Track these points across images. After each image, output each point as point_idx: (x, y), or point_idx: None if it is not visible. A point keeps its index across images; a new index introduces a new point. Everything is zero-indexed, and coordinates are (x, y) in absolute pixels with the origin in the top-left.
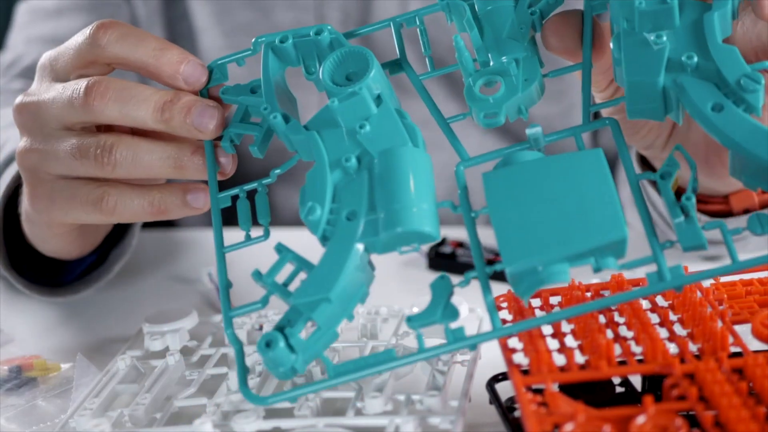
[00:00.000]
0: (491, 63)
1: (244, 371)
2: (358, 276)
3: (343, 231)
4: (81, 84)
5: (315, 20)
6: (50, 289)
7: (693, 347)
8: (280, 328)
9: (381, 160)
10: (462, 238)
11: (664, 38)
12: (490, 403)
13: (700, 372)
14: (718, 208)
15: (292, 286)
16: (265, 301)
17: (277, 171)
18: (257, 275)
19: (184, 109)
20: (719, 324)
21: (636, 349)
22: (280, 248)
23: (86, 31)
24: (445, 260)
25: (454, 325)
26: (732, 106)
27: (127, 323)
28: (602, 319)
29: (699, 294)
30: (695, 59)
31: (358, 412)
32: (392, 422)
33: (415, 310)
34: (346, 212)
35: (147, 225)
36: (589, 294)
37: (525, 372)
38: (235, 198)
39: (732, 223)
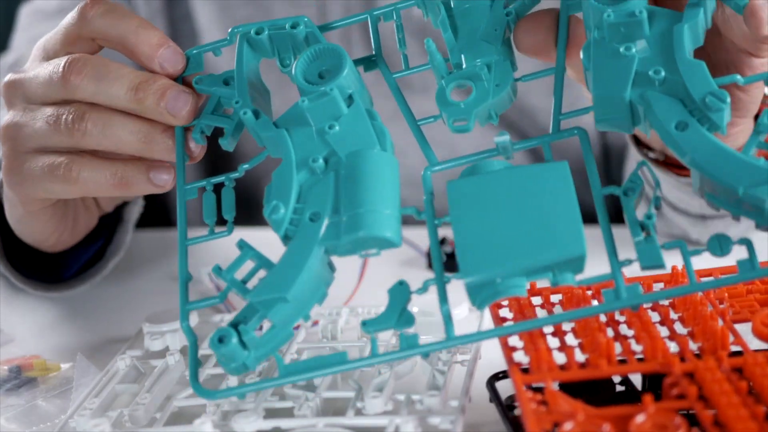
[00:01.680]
0: (464, 65)
1: (195, 365)
2: (318, 277)
3: (305, 231)
4: (62, 60)
5: (317, 17)
6: (45, 284)
7: (693, 346)
8: (234, 324)
9: (348, 162)
10: None
11: (633, 50)
12: (491, 401)
13: (699, 371)
14: None
15: (252, 285)
16: (223, 297)
17: (245, 166)
18: (217, 270)
19: (158, 91)
20: (720, 323)
21: (636, 347)
22: (242, 245)
23: (75, 9)
24: (445, 260)
25: (409, 331)
26: (696, 125)
27: (127, 323)
28: (603, 317)
29: (699, 293)
30: (662, 74)
31: (358, 412)
32: (392, 422)
33: (415, 309)
34: (310, 213)
35: (147, 225)
36: (590, 293)
37: (525, 370)
38: (202, 191)
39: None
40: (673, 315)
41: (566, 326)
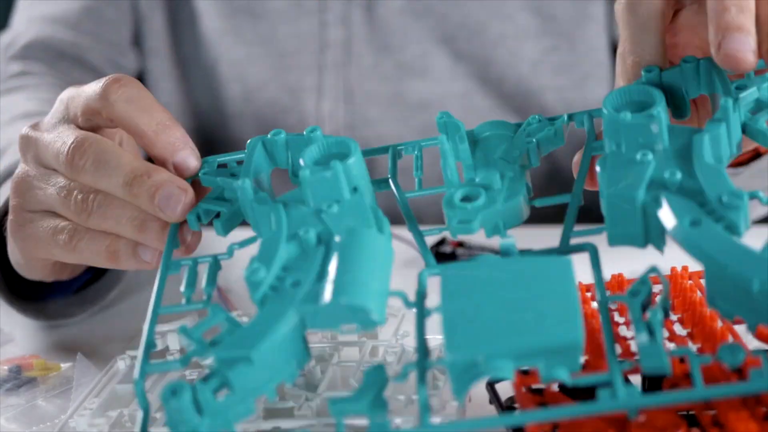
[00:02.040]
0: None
1: None
2: (289, 347)
3: (283, 295)
4: (69, 140)
5: (316, 10)
6: (43, 304)
7: (693, 347)
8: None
9: (342, 238)
10: (462, 238)
11: (650, 156)
12: (490, 402)
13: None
14: (746, 156)
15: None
16: (185, 361)
17: (235, 246)
18: (183, 329)
19: (152, 188)
20: (719, 324)
21: (635, 348)
22: (215, 309)
23: (102, 81)
24: (445, 260)
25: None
26: (710, 222)
27: (127, 323)
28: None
29: (699, 294)
30: (678, 176)
31: None
32: (392, 422)
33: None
34: (292, 280)
35: None
36: (589, 294)
37: (525, 372)
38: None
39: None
40: (672, 316)
41: None
